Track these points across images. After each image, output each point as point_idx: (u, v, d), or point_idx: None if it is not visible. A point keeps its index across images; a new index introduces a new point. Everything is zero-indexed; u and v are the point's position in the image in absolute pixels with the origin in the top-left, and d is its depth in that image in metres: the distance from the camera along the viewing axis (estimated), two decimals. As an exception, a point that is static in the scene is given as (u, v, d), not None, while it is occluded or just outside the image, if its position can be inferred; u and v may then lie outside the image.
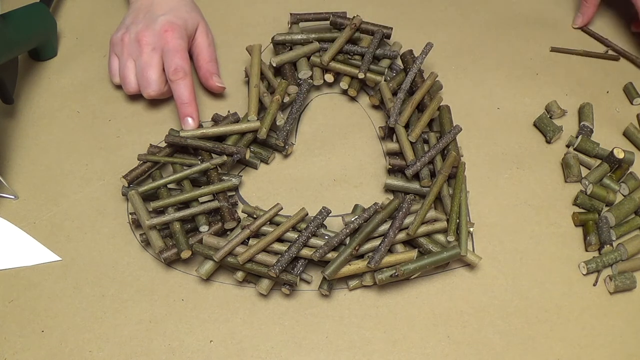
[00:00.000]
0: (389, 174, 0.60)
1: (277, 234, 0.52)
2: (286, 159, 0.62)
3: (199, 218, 0.54)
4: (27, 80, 0.67)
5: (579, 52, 0.72)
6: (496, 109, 0.67)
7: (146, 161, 0.57)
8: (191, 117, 0.60)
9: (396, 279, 0.51)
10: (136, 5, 0.65)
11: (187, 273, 0.54)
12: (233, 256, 0.51)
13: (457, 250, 0.52)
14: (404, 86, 0.61)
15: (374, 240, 0.53)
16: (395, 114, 0.59)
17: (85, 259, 0.55)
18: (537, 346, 0.52)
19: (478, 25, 0.74)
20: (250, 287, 0.54)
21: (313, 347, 0.51)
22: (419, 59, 0.62)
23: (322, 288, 0.53)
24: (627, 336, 0.53)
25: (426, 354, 0.51)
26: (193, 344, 0.51)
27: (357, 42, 0.67)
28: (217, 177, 0.56)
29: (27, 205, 0.58)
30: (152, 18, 0.62)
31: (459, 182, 0.55)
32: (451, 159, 0.56)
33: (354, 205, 0.57)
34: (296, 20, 0.68)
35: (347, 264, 0.51)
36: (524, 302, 0.54)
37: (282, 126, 0.61)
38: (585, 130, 0.64)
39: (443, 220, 0.54)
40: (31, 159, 0.61)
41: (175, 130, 0.58)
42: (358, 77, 0.63)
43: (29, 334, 0.51)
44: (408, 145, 0.58)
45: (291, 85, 0.62)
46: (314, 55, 0.65)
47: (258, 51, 0.63)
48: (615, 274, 0.55)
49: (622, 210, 0.58)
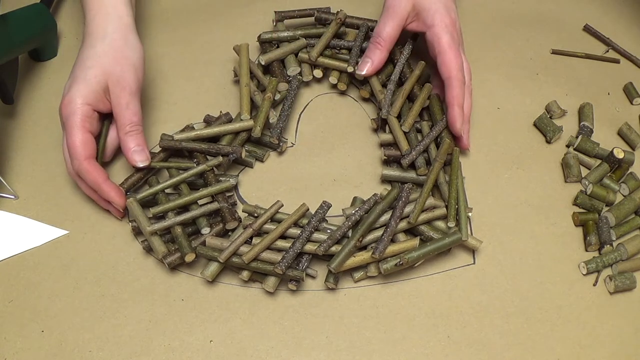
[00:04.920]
0: (384, 165, 0.60)
1: (280, 231, 0.52)
2: (286, 159, 0.62)
3: (200, 220, 0.54)
4: (27, 80, 0.67)
5: (580, 54, 0.72)
6: (496, 109, 0.67)
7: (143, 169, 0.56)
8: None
9: (401, 267, 0.52)
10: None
11: (189, 274, 0.54)
12: (237, 256, 0.51)
13: (459, 235, 0.53)
14: (393, 77, 0.62)
15: (376, 231, 0.53)
16: (386, 105, 0.60)
17: (85, 259, 0.55)
18: (537, 346, 0.52)
19: (478, 25, 0.74)
20: (251, 287, 0.54)
21: (313, 347, 0.51)
22: (406, 49, 0.63)
23: (329, 281, 0.53)
24: (627, 336, 0.53)
25: (426, 354, 0.51)
26: (193, 343, 0.51)
27: (343, 36, 0.67)
28: (214, 178, 0.56)
29: (27, 205, 0.58)
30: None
31: (454, 169, 0.56)
32: (445, 146, 0.56)
33: (353, 197, 0.58)
34: (281, 18, 0.69)
35: (352, 256, 0.52)
36: (524, 302, 0.54)
37: (275, 124, 0.61)
38: (585, 130, 0.64)
39: (442, 207, 0.55)
40: (31, 159, 0.61)
41: (167, 134, 0.58)
42: (347, 71, 0.64)
43: (29, 334, 0.51)
44: (402, 135, 0.59)
45: (281, 83, 0.63)
46: (301, 52, 0.65)
47: (246, 50, 0.63)
48: (615, 274, 0.55)
49: (622, 210, 0.58)
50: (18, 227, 0.57)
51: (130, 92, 0.55)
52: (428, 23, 0.60)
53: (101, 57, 0.55)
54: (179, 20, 0.73)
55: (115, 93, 0.55)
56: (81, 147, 0.53)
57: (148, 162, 0.56)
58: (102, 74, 0.55)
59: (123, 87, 0.55)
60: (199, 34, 0.71)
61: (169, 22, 0.72)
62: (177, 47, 0.70)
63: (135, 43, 0.58)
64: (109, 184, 0.54)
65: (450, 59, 0.59)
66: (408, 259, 0.52)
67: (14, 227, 0.57)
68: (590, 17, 0.75)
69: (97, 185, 0.53)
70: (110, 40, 0.56)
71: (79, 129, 0.53)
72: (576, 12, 0.76)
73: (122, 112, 0.55)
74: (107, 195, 0.54)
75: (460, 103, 0.58)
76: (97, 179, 0.53)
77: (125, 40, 0.57)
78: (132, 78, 0.56)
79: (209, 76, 0.67)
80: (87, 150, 0.53)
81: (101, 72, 0.55)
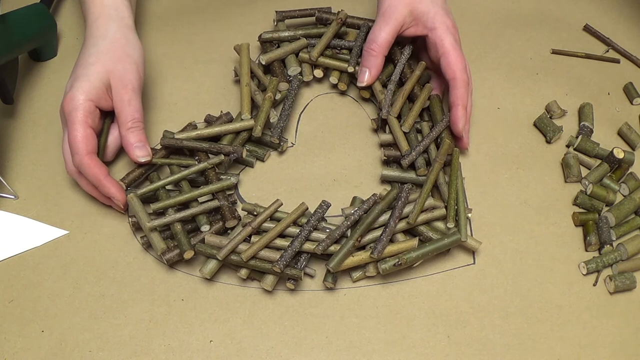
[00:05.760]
0: (384, 165, 0.60)
1: (279, 230, 0.52)
2: (286, 159, 0.62)
3: (199, 218, 0.54)
4: (27, 80, 0.67)
5: (580, 54, 0.72)
6: (496, 109, 0.67)
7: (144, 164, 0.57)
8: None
9: (399, 267, 0.52)
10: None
11: (189, 274, 0.54)
12: (236, 254, 0.51)
13: (458, 236, 0.53)
14: (394, 77, 0.62)
15: (375, 231, 0.53)
16: (387, 105, 0.60)
17: (85, 259, 0.55)
18: (537, 346, 0.52)
19: (478, 25, 0.74)
20: (250, 287, 0.54)
21: (313, 347, 0.51)
22: (407, 49, 0.63)
23: (327, 281, 0.53)
24: (627, 336, 0.53)
25: (426, 354, 0.51)
26: (193, 343, 0.51)
27: (344, 36, 0.67)
28: (215, 176, 0.56)
29: (27, 205, 0.58)
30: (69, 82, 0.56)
31: (454, 169, 0.56)
32: (445, 146, 0.56)
33: (352, 197, 0.58)
34: (282, 18, 0.69)
35: (350, 256, 0.52)
36: (524, 302, 0.54)
37: (275, 123, 0.61)
38: (585, 130, 0.64)
39: (441, 208, 0.55)
40: (31, 159, 0.61)
41: (169, 132, 0.58)
42: (347, 71, 0.64)
43: (29, 334, 0.51)
44: (402, 136, 0.59)
45: (282, 82, 0.63)
46: (302, 52, 0.65)
47: (246, 50, 0.63)
48: (615, 274, 0.55)
49: (622, 210, 0.58)
50: (18, 227, 0.57)
51: (132, 89, 0.56)
52: (429, 26, 0.60)
53: (103, 54, 0.56)
54: (179, 20, 0.73)
55: (117, 90, 0.55)
56: (83, 142, 0.53)
57: (150, 157, 0.56)
58: (105, 71, 0.55)
59: (125, 84, 0.55)
60: (199, 34, 0.71)
61: (169, 22, 0.72)
62: (177, 47, 0.70)
63: (136, 42, 0.59)
64: (109, 179, 0.54)
65: (455, 60, 0.59)
66: (407, 259, 0.52)
67: (14, 227, 0.57)
68: (590, 17, 0.76)
69: (97, 181, 0.53)
70: (112, 39, 0.57)
71: (81, 125, 0.53)
72: (576, 12, 0.76)
73: (124, 109, 0.55)
74: (108, 191, 0.54)
75: (465, 103, 0.58)
76: (98, 174, 0.53)
77: (127, 39, 0.58)
78: (133, 75, 0.56)
79: (209, 76, 0.67)
80: (89, 145, 0.54)
81: (103, 69, 0.55)
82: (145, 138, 0.56)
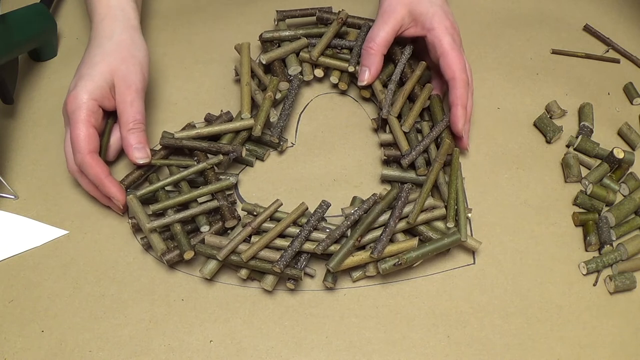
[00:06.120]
0: (384, 165, 0.60)
1: (279, 230, 0.52)
2: (286, 159, 0.62)
3: (199, 218, 0.54)
4: (27, 80, 0.67)
5: (580, 54, 0.72)
6: (496, 109, 0.67)
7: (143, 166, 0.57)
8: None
9: (399, 267, 0.52)
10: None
11: (189, 274, 0.54)
12: (236, 254, 0.52)
13: (458, 236, 0.53)
14: (394, 77, 0.62)
15: (374, 231, 0.53)
16: (387, 105, 0.60)
17: (85, 259, 0.55)
18: (537, 346, 0.52)
19: (478, 25, 0.74)
20: (250, 287, 0.54)
21: (313, 347, 0.51)
22: (407, 49, 0.63)
23: (327, 281, 0.53)
24: (627, 336, 0.53)
25: (426, 354, 0.51)
26: (193, 343, 0.51)
27: (344, 36, 0.67)
28: (215, 176, 0.56)
29: (27, 205, 0.58)
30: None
31: (454, 169, 0.56)
32: (445, 146, 0.56)
33: (352, 197, 0.58)
34: (282, 17, 0.69)
35: (350, 256, 0.52)
36: (524, 302, 0.54)
37: (275, 123, 0.61)
38: (585, 130, 0.64)
39: (441, 208, 0.55)
40: (31, 159, 0.61)
41: (168, 132, 0.58)
42: (348, 71, 0.64)
43: (29, 334, 0.51)
44: (402, 136, 0.59)
45: (282, 82, 0.63)
46: (302, 51, 0.65)
47: (247, 49, 0.63)
48: (615, 274, 0.55)
49: (622, 210, 0.58)
50: (18, 227, 0.57)
51: (135, 90, 0.56)
52: (427, 26, 0.60)
53: (108, 54, 0.56)
54: (179, 20, 0.73)
55: (121, 90, 0.55)
56: (85, 140, 0.53)
57: (148, 159, 0.56)
58: (109, 71, 0.55)
59: (129, 85, 0.55)
60: (199, 33, 0.71)
61: (169, 22, 0.72)
62: (177, 47, 0.70)
63: (141, 44, 0.59)
64: (110, 179, 0.54)
65: (454, 60, 0.59)
66: (406, 259, 0.52)
67: (14, 227, 0.57)
68: (590, 17, 0.76)
69: (99, 180, 0.54)
70: (117, 40, 0.57)
71: (84, 123, 0.53)
72: (576, 12, 0.76)
73: (126, 110, 0.55)
74: (108, 191, 0.54)
75: (464, 103, 0.58)
76: (100, 173, 0.53)
77: (132, 40, 0.58)
78: (137, 77, 0.56)
79: (209, 76, 0.67)
80: (91, 144, 0.54)
81: (108, 69, 0.55)
82: (145, 140, 0.56)
